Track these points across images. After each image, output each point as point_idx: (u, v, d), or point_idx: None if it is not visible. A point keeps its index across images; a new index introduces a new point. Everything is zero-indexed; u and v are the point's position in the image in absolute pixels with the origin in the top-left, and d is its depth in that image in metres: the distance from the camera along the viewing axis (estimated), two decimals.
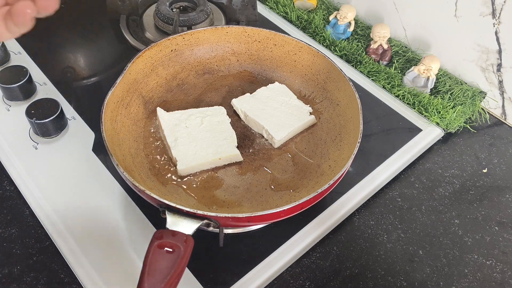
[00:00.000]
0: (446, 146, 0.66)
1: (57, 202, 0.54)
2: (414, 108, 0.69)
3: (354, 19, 0.78)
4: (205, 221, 0.43)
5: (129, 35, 0.76)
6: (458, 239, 0.55)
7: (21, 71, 0.64)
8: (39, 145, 0.60)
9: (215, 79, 0.67)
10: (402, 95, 0.70)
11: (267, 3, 0.86)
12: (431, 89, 0.71)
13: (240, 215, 0.44)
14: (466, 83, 0.72)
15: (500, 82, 0.69)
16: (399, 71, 0.73)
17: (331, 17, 0.79)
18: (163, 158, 0.56)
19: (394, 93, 0.71)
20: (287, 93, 0.62)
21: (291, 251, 0.52)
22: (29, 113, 0.58)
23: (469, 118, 0.70)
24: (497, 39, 0.66)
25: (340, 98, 0.60)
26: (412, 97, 0.69)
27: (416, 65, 0.69)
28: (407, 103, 0.70)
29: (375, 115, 0.68)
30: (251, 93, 0.62)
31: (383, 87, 0.72)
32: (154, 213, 0.53)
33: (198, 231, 0.42)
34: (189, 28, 0.72)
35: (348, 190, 0.58)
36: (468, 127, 0.68)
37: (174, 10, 0.76)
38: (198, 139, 0.56)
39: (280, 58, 0.66)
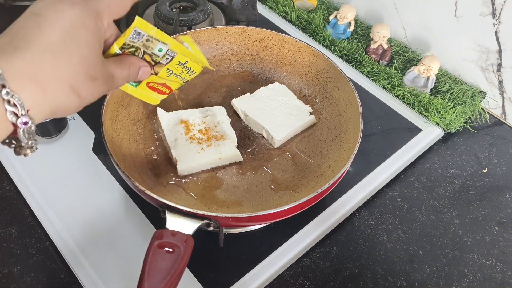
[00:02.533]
0: (446, 146, 0.66)
1: (57, 202, 0.54)
2: (414, 108, 0.69)
3: (354, 19, 0.78)
4: (205, 221, 0.43)
5: None
6: (458, 239, 0.55)
7: None
8: (39, 145, 0.60)
9: (215, 79, 0.67)
10: (402, 95, 0.70)
11: (267, 3, 0.86)
12: (431, 89, 0.71)
13: (240, 215, 0.44)
14: (466, 83, 0.72)
15: (500, 82, 0.69)
16: (399, 71, 0.73)
17: (331, 17, 0.79)
18: (163, 158, 0.56)
19: (394, 93, 0.71)
20: (287, 93, 0.62)
21: (291, 251, 0.52)
22: None
23: (469, 118, 0.70)
24: (497, 39, 0.66)
25: (340, 98, 0.60)
26: (412, 97, 0.69)
27: (416, 65, 0.69)
28: (407, 103, 0.70)
29: (375, 115, 0.68)
30: (251, 93, 0.62)
31: (383, 87, 0.72)
32: (154, 213, 0.53)
33: (198, 231, 0.42)
34: (189, 28, 0.72)
35: (348, 190, 0.58)
36: (468, 127, 0.68)
37: (174, 10, 0.76)
38: (198, 139, 0.56)
39: (280, 58, 0.66)
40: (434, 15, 0.72)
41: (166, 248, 0.40)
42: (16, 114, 0.26)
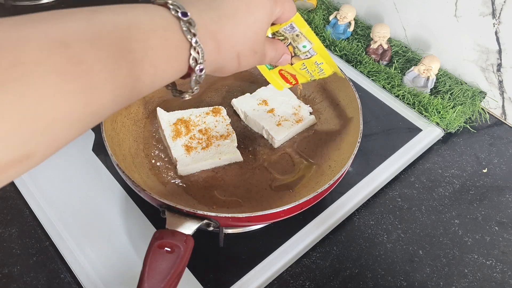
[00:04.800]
0: (446, 146, 0.66)
1: (57, 202, 0.54)
2: (414, 108, 0.69)
3: (354, 19, 0.78)
4: (205, 221, 0.43)
5: None
6: (458, 239, 0.55)
7: None
8: None
9: (215, 79, 0.67)
10: (402, 95, 0.70)
11: None
12: (431, 89, 0.71)
13: (240, 215, 0.44)
14: (466, 83, 0.72)
15: (500, 82, 0.69)
16: (399, 71, 0.73)
17: (331, 17, 0.79)
18: (163, 158, 0.56)
19: (394, 93, 0.71)
20: (287, 93, 0.62)
21: (291, 251, 0.52)
22: None
23: (469, 118, 0.70)
24: (497, 39, 0.66)
25: (340, 98, 0.60)
26: (412, 97, 0.69)
27: (416, 65, 0.69)
28: (407, 103, 0.70)
29: (375, 115, 0.68)
30: (251, 93, 0.62)
31: (383, 87, 0.72)
32: (154, 213, 0.53)
33: (198, 231, 0.43)
34: None
35: (348, 190, 0.58)
36: (468, 127, 0.68)
37: None
38: (198, 139, 0.56)
39: None
40: (434, 15, 0.72)
41: (166, 248, 0.40)
42: (196, 61, 0.30)
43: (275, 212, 0.44)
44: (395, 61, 0.75)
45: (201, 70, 0.31)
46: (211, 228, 0.45)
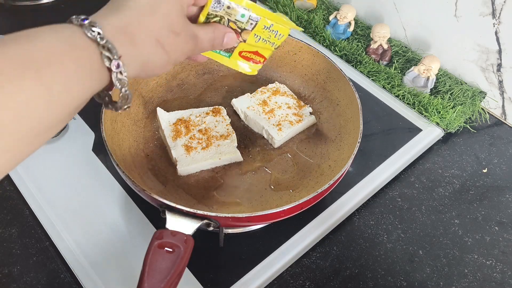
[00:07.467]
0: (446, 146, 0.66)
1: (57, 202, 0.54)
2: (414, 108, 0.69)
3: (354, 19, 0.78)
4: (205, 221, 0.43)
5: None
6: (458, 239, 0.55)
7: None
8: None
9: (215, 79, 0.67)
10: (402, 95, 0.70)
11: (267, 3, 0.86)
12: (431, 89, 0.71)
13: (240, 215, 0.44)
14: (466, 83, 0.72)
15: (500, 82, 0.69)
16: (399, 71, 0.73)
17: (331, 17, 0.79)
18: (163, 158, 0.56)
19: (394, 93, 0.71)
20: (288, 93, 0.62)
21: (291, 251, 0.52)
22: None
23: (469, 118, 0.70)
24: (497, 39, 0.66)
25: (340, 98, 0.60)
26: (412, 97, 0.69)
27: (416, 65, 0.69)
28: (407, 103, 0.70)
29: (375, 115, 0.68)
30: (251, 93, 0.62)
31: (383, 87, 0.72)
32: (154, 213, 0.53)
33: (198, 231, 0.43)
34: None
35: (348, 190, 0.58)
36: (468, 127, 0.68)
37: None
38: (198, 139, 0.56)
39: (280, 58, 0.66)
40: (434, 15, 0.72)
41: (166, 248, 0.40)
42: (109, 59, 0.30)
43: (275, 212, 0.44)
44: (395, 61, 0.75)
45: (117, 66, 0.30)
46: (211, 228, 0.45)
